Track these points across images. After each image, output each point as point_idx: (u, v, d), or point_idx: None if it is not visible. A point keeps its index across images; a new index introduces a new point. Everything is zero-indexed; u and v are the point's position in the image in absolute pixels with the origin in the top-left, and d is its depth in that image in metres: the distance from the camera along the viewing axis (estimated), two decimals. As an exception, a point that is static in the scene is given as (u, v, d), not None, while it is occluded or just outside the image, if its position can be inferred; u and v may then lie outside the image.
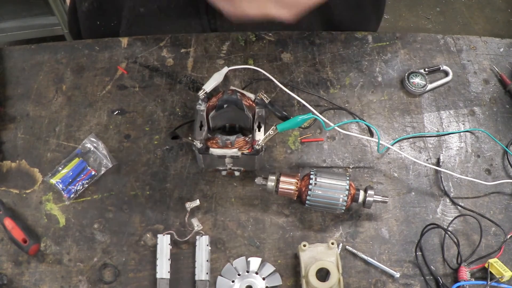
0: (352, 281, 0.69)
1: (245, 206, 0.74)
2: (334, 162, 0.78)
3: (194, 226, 0.70)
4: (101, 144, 0.77)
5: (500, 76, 0.87)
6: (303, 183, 0.71)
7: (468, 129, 0.82)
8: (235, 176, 0.76)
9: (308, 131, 0.80)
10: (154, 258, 0.69)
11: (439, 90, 0.86)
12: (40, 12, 1.87)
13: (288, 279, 0.69)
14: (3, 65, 0.86)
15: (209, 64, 0.86)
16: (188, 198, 0.74)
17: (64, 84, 0.84)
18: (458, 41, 0.91)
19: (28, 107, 0.82)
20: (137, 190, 0.75)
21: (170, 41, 0.88)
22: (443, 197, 0.76)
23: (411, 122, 0.82)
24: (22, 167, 0.77)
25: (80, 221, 0.73)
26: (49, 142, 0.79)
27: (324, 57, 0.88)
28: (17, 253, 0.70)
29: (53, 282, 0.68)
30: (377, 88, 0.85)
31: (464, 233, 0.73)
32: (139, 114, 0.81)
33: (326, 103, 0.83)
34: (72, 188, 0.74)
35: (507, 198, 0.76)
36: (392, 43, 0.90)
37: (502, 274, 0.66)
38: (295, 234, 0.72)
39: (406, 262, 0.71)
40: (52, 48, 0.87)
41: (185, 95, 0.83)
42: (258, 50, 0.87)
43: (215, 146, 0.68)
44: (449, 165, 0.79)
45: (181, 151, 0.78)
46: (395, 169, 0.78)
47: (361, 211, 0.74)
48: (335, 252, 0.67)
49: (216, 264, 0.70)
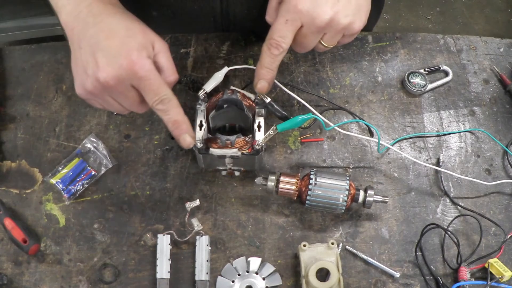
0: (352, 281, 0.69)
1: (245, 206, 0.74)
2: (334, 162, 0.78)
3: (194, 226, 0.70)
4: (101, 144, 0.77)
5: (500, 76, 0.87)
6: (303, 183, 0.71)
7: (468, 129, 0.82)
8: (235, 176, 0.76)
9: (308, 131, 0.80)
10: (154, 258, 0.69)
11: (439, 90, 0.86)
12: (40, 12, 1.87)
13: (288, 279, 0.69)
14: (3, 65, 0.86)
15: (209, 64, 0.86)
16: (188, 198, 0.74)
17: (64, 84, 0.84)
18: (458, 41, 0.91)
19: (28, 107, 0.82)
20: (137, 190, 0.75)
21: (170, 41, 0.88)
22: (443, 197, 0.76)
23: (411, 122, 0.82)
24: (22, 167, 0.77)
25: (80, 221, 0.73)
26: (49, 142, 0.79)
27: (324, 57, 0.88)
28: (17, 253, 0.70)
29: (53, 282, 0.68)
30: (377, 88, 0.85)
31: (464, 233, 0.73)
32: (139, 114, 0.81)
33: (326, 103, 0.83)
34: (72, 188, 0.74)
35: (507, 198, 0.76)
36: (392, 43, 0.90)
37: (502, 274, 0.66)
38: (295, 234, 0.72)
39: (406, 262, 0.71)
40: (52, 48, 0.87)
41: (185, 95, 0.83)
42: (258, 50, 0.87)
43: (215, 146, 0.68)
44: (449, 165, 0.79)
45: (181, 151, 0.78)
46: (395, 169, 0.78)
47: (361, 211, 0.74)
48: (335, 252, 0.67)
49: (216, 264, 0.70)
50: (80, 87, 0.58)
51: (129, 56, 0.55)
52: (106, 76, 0.55)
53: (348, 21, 0.61)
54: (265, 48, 0.63)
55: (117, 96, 0.58)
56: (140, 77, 0.56)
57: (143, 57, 0.56)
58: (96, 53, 0.55)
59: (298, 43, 0.64)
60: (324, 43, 0.64)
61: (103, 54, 0.55)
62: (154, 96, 0.57)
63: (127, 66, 0.55)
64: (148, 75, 0.56)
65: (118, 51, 0.55)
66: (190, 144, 0.62)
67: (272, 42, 0.62)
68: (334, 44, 0.65)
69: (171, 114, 0.59)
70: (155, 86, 0.57)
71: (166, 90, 0.58)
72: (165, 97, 0.58)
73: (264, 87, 0.65)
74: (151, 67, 0.57)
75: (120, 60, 0.55)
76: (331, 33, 0.62)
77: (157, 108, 0.58)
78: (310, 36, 0.62)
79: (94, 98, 0.59)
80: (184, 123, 0.61)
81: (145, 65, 0.56)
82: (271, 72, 0.64)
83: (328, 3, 0.59)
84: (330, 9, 0.59)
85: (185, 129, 0.61)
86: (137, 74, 0.55)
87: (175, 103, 0.59)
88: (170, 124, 0.60)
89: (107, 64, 0.55)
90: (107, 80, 0.55)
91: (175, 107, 0.59)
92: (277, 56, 0.63)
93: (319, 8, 0.59)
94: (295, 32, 0.61)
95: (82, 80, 0.58)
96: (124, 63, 0.54)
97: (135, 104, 0.59)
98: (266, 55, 0.63)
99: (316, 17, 0.59)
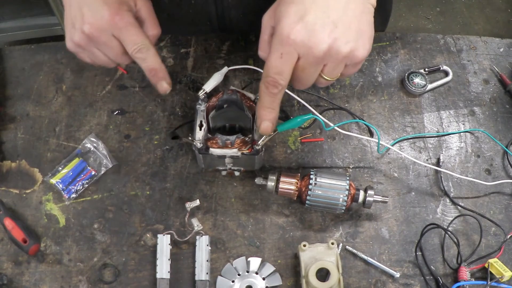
0: (352, 281, 0.69)
1: (245, 206, 0.74)
2: (334, 162, 0.78)
3: (194, 226, 0.70)
4: (101, 144, 0.77)
5: (500, 76, 0.87)
6: (303, 183, 0.71)
7: (468, 129, 0.82)
8: (235, 176, 0.76)
9: (308, 131, 0.80)
10: (154, 258, 0.69)
11: (439, 90, 0.86)
12: (40, 12, 1.87)
13: (288, 279, 0.69)
14: (3, 65, 0.86)
15: (209, 64, 0.86)
16: (188, 198, 0.74)
17: (64, 84, 0.84)
18: (458, 41, 0.91)
19: (28, 107, 0.82)
20: (137, 190, 0.75)
21: (170, 41, 0.88)
22: (443, 197, 0.76)
23: (411, 122, 0.82)
24: (22, 167, 0.77)
25: (80, 221, 0.73)
26: (49, 142, 0.79)
27: (324, 57, 0.88)
28: (17, 253, 0.70)
29: (53, 282, 0.68)
30: (377, 88, 0.85)
31: (464, 233, 0.73)
32: (139, 114, 0.81)
33: (326, 103, 0.83)
34: (72, 188, 0.74)
35: (507, 198, 0.76)
36: (392, 43, 0.90)
37: (502, 274, 0.66)
38: (295, 234, 0.72)
39: (406, 262, 0.71)
40: (52, 48, 0.87)
41: (185, 95, 0.83)
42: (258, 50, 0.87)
43: (215, 146, 0.68)
44: (449, 165, 0.79)
45: (181, 151, 0.78)
46: (395, 169, 0.78)
47: (361, 211, 0.74)
48: (335, 252, 0.67)
49: (216, 264, 0.70)
50: (69, 41, 0.64)
51: (110, 8, 0.60)
52: (90, 27, 0.60)
53: (349, 49, 0.54)
54: (263, 87, 0.58)
55: (102, 47, 0.63)
56: (120, 28, 0.61)
57: (123, 10, 0.61)
58: (82, 8, 0.61)
59: (297, 79, 0.58)
60: (325, 76, 0.58)
61: (88, 8, 0.61)
62: (133, 45, 0.62)
63: (108, 17, 0.60)
64: (127, 25, 0.61)
65: (101, 4, 0.60)
66: (166, 90, 0.66)
67: (269, 80, 0.56)
68: (337, 76, 0.59)
69: (149, 62, 0.64)
70: (133, 36, 0.62)
71: (144, 40, 0.63)
72: (143, 46, 0.62)
73: (269, 127, 0.61)
74: (131, 19, 0.62)
75: (101, 12, 0.60)
76: (331, 63, 0.56)
77: (135, 56, 0.63)
78: (309, 69, 0.56)
79: (82, 50, 0.65)
80: (160, 70, 0.65)
81: (124, 16, 0.61)
82: (273, 111, 0.60)
83: (325, 30, 0.53)
84: (328, 37, 0.53)
85: (162, 76, 0.65)
86: (117, 24, 0.61)
87: (152, 52, 0.63)
88: (147, 71, 0.65)
89: (91, 16, 0.60)
90: (91, 31, 0.60)
91: (152, 56, 0.63)
92: (277, 95, 0.58)
93: (315, 37, 0.53)
94: (293, 66, 0.56)
95: (70, 34, 0.63)
96: (105, 15, 0.60)
97: (119, 54, 0.64)
98: (265, 94, 0.58)
99: (313, 46, 0.53)
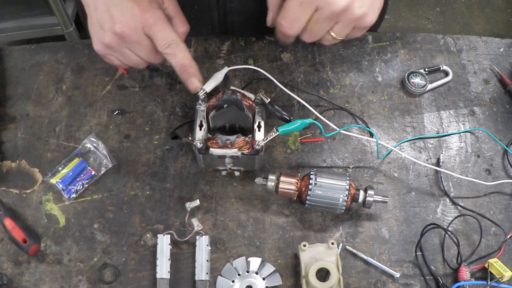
0: (352, 281, 0.69)
1: (245, 206, 0.74)
2: (334, 162, 0.78)
3: (194, 226, 0.70)
4: (101, 144, 0.77)
5: (500, 76, 0.87)
6: (303, 183, 0.71)
7: (468, 129, 0.82)
8: (235, 176, 0.76)
9: (308, 131, 0.80)
10: (154, 258, 0.69)
11: (439, 90, 0.86)
12: (40, 12, 1.87)
13: (288, 279, 0.69)
14: (3, 65, 0.86)
15: (209, 64, 0.86)
16: (188, 198, 0.74)
17: (64, 84, 0.84)
18: (458, 41, 0.91)
19: (28, 107, 0.82)
20: (137, 190, 0.75)
21: (170, 41, 0.88)
22: (443, 197, 0.76)
23: (411, 122, 0.82)
24: (22, 167, 0.77)
25: (80, 221, 0.73)
26: (49, 142, 0.79)
27: (324, 57, 0.88)
28: (17, 253, 0.70)
29: (53, 282, 0.68)
30: (377, 88, 0.85)
31: (464, 233, 0.73)
32: (139, 114, 0.81)
33: (326, 103, 0.83)
34: (72, 188, 0.74)
35: (507, 198, 0.76)
36: (392, 43, 0.90)
37: (502, 274, 0.66)
38: (295, 234, 0.72)
39: (406, 262, 0.71)
40: (52, 48, 0.87)
41: (185, 95, 0.83)
42: (258, 50, 0.87)
43: (215, 146, 0.68)
44: (449, 165, 0.78)
45: (181, 151, 0.78)
46: (395, 169, 0.78)
47: (361, 211, 0.74)
48: (335, 252, 0.67)
49: (216, 264, 0.70)
50: (98, 43, 0.63)
51: (141, 6, 0.60)
52: (122, 26, 0.59)
53: (362, 12, 0.59)
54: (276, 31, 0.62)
55: (133, 46, 0.62)
56: (150, 24, 0.60)
57: (153, 7, 0.61)
58: (111, 9, 0.60)
59: (307, 30, 0.61)
60: (334, 33, 0.62)
61: (117, 8, 0.60)
62: (162, 41, 0.61)
63: (139, 15, 0.60)
64: (158, 22, 0.61)
65: (131, 3, 0.60)
66: (197, 88, 0.66)
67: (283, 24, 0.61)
68: (343, 36, 0.63)
69: (179, 58, 0.63)
70: (163, 32, 0.61)
71: (174, 35, 0.62)
72: (172, 42, 0.62)
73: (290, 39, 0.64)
74: (161, 15, 0.61)
75: (132, 11, 0.60)
76: (343, 22, 0.60)
77: (165, 52, 0.62)
78: (321, 23, 0.60)
79: (112, 52, 0.63)
80: (191, 66, 0.64)
81: (155, 13, 0.61)
82: None
83: None
84: None
85: (193, 73, 0.64)
86: (148, 21, 0.60)
87: (182, 48, 0.63)
88: (178, 67, 0.64)
89: (122, 16, 0.60)
90: (123, 29, 0.60)
91: (182, 51, 0.63)
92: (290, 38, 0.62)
93: None
94: (309, 16, 0.59)
95: (99, 36, 0.62)
96: (136, 13, 0.60)
97: (151, 53, 0.63)
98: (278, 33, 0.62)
99: (332, 2, 0.57)
